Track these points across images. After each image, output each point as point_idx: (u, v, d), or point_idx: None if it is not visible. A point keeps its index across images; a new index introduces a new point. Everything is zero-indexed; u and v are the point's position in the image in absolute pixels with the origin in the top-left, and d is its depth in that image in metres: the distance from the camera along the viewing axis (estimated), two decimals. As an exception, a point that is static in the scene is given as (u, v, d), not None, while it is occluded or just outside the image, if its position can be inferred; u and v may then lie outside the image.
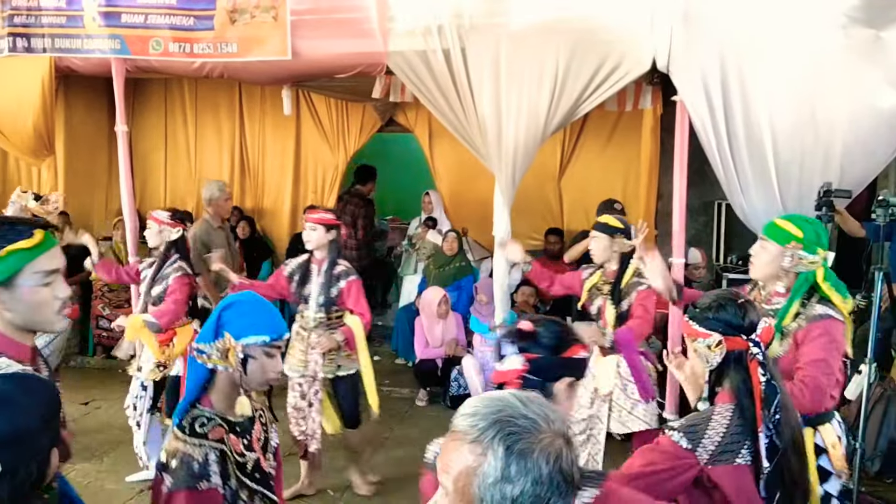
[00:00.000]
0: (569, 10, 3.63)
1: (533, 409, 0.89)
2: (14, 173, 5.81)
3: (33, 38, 4.37)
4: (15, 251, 1.32)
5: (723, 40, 3.47)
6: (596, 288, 3.08)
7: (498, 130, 3.71)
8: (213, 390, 1.55)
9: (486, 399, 0.92)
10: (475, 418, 0.89)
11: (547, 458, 0.86)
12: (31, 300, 1.35)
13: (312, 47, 3.95)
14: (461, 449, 0.88)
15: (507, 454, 0.85)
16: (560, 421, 0.90)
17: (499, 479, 0.85)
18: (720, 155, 3.55)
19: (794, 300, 2.20)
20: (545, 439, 0.87)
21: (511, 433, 0.86)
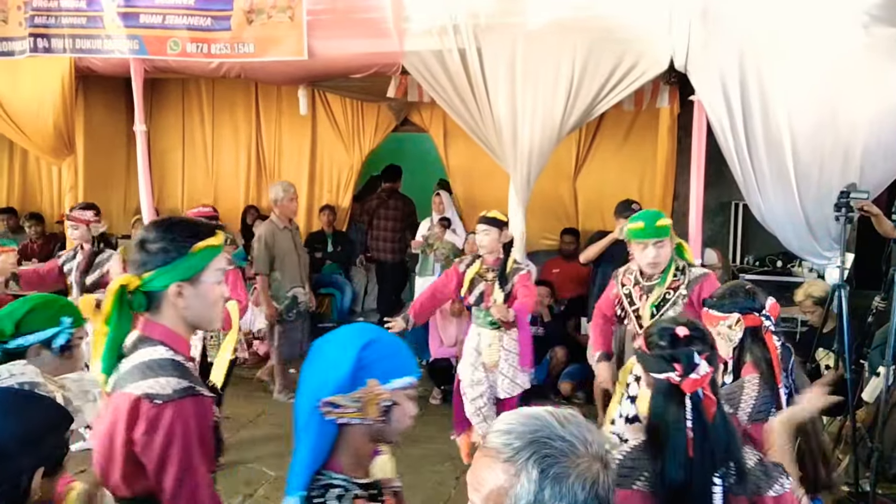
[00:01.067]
0: (585, 9, 3.65)
1: (571, 431, 0.86)
2: (35, 172, 5.99)
3: (54, 39, 4.48)
4: (206, 247, 1.36)
5: (742, 39, 3.49)
6: (479, 275, 3.43)
7: (513, 130, 3.76)
8: (342, 449, 1.23)
9: (523, 416, 0.89)
10: (510, 437, 0.86)
11: (583, 485, 0.83)
12: (210, 296, 1.38)
13: (328, 47, 4.02)
14: (494, 467, 0.85)
15: (541, 477, 0.83)
16: (598, 444, 0.87)
17: (532, 503, 0.83)
18: (738, 155, 3.56)
19: (669, 269, 2.72)
20: (582, 464, 0.84)
21: (546, 455, 0.84)
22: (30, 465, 1.03)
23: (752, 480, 1.41)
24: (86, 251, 3.75)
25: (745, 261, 4.91)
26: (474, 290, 3.43)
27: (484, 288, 3.40)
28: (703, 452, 1.37)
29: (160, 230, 1.36)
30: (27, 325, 1.58)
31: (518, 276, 3.34)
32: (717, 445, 1.39)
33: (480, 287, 3.42)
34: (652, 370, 1.47)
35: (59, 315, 1.63)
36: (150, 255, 1.34)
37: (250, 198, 5.95)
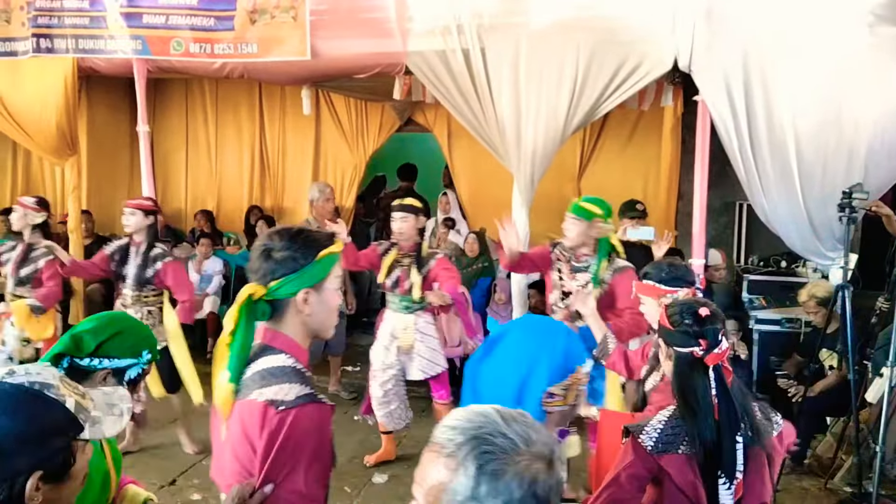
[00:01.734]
0: (589, 9, 3.68)
1: (514, 429, 0.87)
2: (38, 173, 6.05)
3: (56, 39, 4.53)
4: (329, 254, 1.38)
5: (746, 39, 3.51)
6: (396, 262, 3.65)
7: (517, 131, 3.79)
8: None
9: (470, 413, 0.90)
10: (454, 432, 0.88)
11: (520, 483, 0.84)
12: (331, 303, 1.40)
13: (331, 47, 4.06)
14: (437, 462, 0.87)
15: (478, 473, 0.84)
16: (542, 444, 0.87)
17: (468, 498, 0.83)
18: (742, 155, 3.59)
19: (602, 258, 3.10)
20: (521, 462, 0.85)
21: (486, 452, 0.85)
22: (27, 466, 1.03)
23: (762, 431, 1.64)
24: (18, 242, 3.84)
25: (750, 261, 4.95)
26: (391, 276, 3.64)
27: (400, 273, 3.62)
28: (728, 415, 1.59)
29: (286, 239, 1.37)
30: (109, 349, 1.52)
31: (435, 259, 3.58)
32: (736, 408, 1.61)
33: (397, 272, 3.63)
34: (676, 344, 1.67)
35: (142, 347, 1.58)
36: (277, 263, 1.35)
37: (254, 198, 6.01)
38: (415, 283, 3.53)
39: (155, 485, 3.63)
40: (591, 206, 3.10)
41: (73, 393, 1.12)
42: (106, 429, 1.15)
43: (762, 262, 4.81)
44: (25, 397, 1.07)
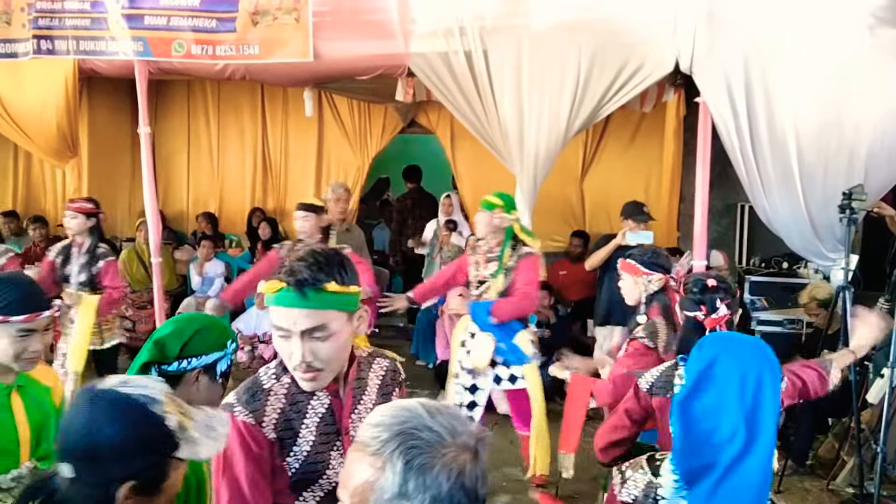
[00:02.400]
0: (591, 11, 3.77)
1: (440, 422, 0.87)
2: (38, 175, 6.12)
3: (57, 41, 4.60)
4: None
5: (746, 41, 3.59)
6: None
7: (519, 132, 3.88)
8: None
9: (394, 408, 0.90)
10: (379, 429, 0.87)
11: (448, 475, 0.84)
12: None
13: (334, 49, 4.14)
14: (362, 461, 0.86)
15: (405, 469, 0.83)
16: (468, 434, 0.88)
17: (396, 495, 0.83)
18: (743, 157, 3.67)
19: (505, 247, 3.40)
20: (448, 454, 0.85)
21: (412, 447, 0.84)
22: (121, 474, 1.07)
23: None
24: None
25: (752, 262, 5.03)
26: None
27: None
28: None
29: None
30: (194, 348, 1.51)
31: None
32: None
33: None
34: (685, 309, 2.05)
35: (225, 338, 1.57)
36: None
37: (256, 200, 6.09)
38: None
39: None
40: (493, 199, 3.44)
41: (177, 411, 1.15)
42: (202, 450, 1.17)
43: (764, 263, 4.90)
44: (131, 408, 1.11)
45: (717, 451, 1.54)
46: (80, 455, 1.08)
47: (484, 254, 3.47)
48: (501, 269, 3.35)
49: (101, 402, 1.11)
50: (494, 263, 3.39)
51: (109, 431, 1.08)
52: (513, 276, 3.33)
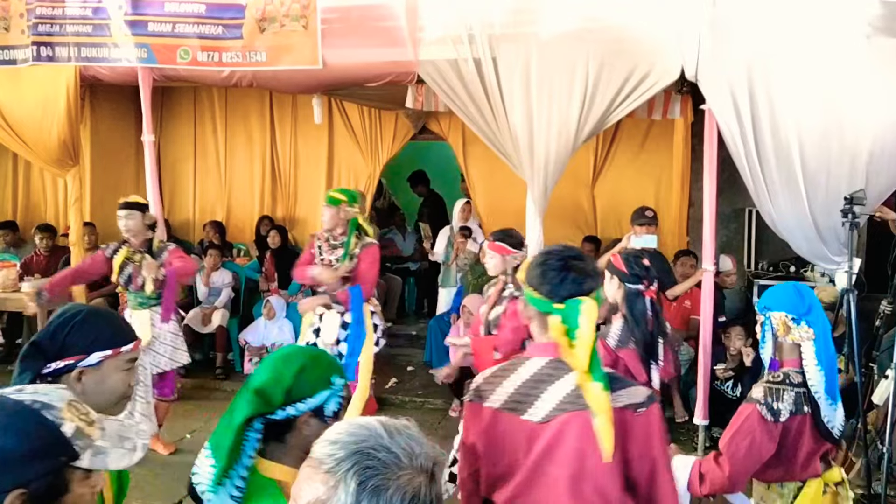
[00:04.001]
0: (597, 19, 4.07)
1: (398, 442, 0.91)
2: (38, 184, 6.32)
3: (58, 47, 4.86)
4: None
5: (749, 50, 3.91)
6: (127, 259, 4.11)
7: (529, 139, 4.17)
8: None
9: (353, 426, 0.93)
10: (335, 447, 0.90)
11: (402, 498, 0.87)
12: None
13: (342, 56, 4.43)
14: (314, 478, 0.89)
15: (358, 490, 0.87)
16: (425, 457, 0.92)
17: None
18: (748, 163, 3.98)
19: (351, 236, 4.10)
20: (403, 476, 0.88)
21: (368, 467, 0.88)
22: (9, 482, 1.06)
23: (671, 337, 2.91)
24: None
25: (760, 266, 5.36)
26: (123, 273, 4.09)
27: (132, 270, 4.09)
28: (656, 326, 2.71)
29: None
30: (298, 391, 1.42)
31: (168, 251, 4.16)
32: (661, 323, 2.76)
33: (129, 269, 4.08)
34: (629, 282, 2.71)
35: (330, 374, 1.48)
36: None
37: (265, 208, 6.31)
38: (147, 279, 4.06)
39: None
40: (338, 195, 4.16)
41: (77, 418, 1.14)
42: (111, 461, 1.16)
43: (771, 266, 5.24)
44: (21, 415, 1.11)
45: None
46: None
47: (327, 241, 4.19)
48: (347, 256, 4.09)
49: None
50: (340, 250, 4.12)
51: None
52: (357, 261, 4.11)
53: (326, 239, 4.21)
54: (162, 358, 4.20)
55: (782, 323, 2.25)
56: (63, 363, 1.49)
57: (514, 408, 1.60)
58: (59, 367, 1.48)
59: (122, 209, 4.09)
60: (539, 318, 1.65)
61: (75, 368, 1.49)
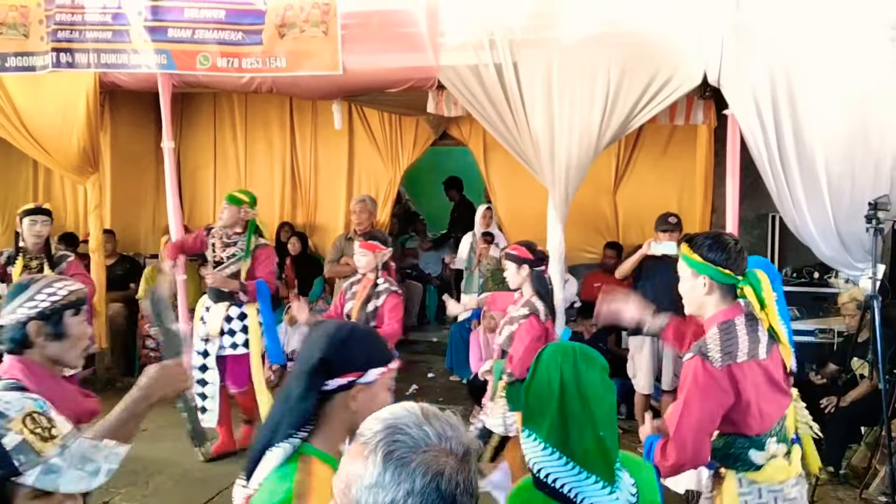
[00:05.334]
0: (619, 24, 4.21)
1: (432, 425, 0.99)
2: (59, 191, 6.55)
3: (77, 54, 5.03)
4: None
5: (772, 54, 4.04)
6: (25, 266, 4.31)
7: (551, 145, 4.33)
8: None
9: (396, 407, 1.04)
10: (375, 422, 1.01)
11: (424, 472, 0.95)
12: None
13: (362, 62, 4.59)
14: (354, 450, 1.02)
15: (384, 460, 0.96)
16: (457, 441, 0.99)
17: (373, 484, 0.96)
18: (771, 168, 4.12)
19: (250, 236, 4.52)
20: (430, 454, 0.96)
21: (395, 440, 0.97)
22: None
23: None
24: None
25: (783, 272, 5.49)
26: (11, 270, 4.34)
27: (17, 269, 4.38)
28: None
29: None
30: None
31: (67, 262, 4.39)
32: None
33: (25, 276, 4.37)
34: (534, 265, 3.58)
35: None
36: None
37: (285, 214, 6.48)
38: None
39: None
40: (241, 196, 4.59)
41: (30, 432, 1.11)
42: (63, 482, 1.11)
43: (795, 273, 5.38)
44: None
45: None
46: None
47: (220, 239, 4.51)
48: (248, 254, 4.49)
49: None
50: (232, 248, 4.48)
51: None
52: (251, 261, 4.51)
53: (220, 236, 4.50)
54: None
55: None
56: (345, 380, 1.49)
57: (754, 354, 2.18)
58: (342, 383, 1.49)
59: (39, 214, 4.28)
60: (722, 288, 2.22)
61: (354, 385, 1.49)
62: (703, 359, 2.13)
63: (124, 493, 4.24)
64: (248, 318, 4.49)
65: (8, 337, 2.00)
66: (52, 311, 2.01)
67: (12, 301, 2.00)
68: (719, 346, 2.14)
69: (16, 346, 2.00)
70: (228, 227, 4.48)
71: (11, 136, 5.26)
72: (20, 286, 2.04)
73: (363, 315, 3.82)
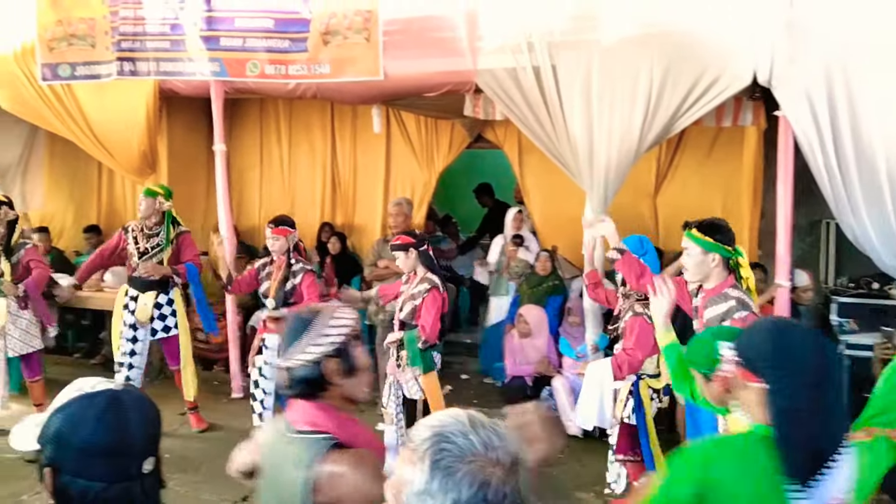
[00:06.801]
0: (663, 23, 3.98)
1: (479, 433, 0.98)
2: (120, 190, 6.80)
3: (139, 62, 5.17)
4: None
5: (829, 52, 3.71)
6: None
7: (589, 148, 4.12)
8: None
9: (444, 414, 1.03)
10: (423, 429, 1.00)
11: (471, 482, 0.93)
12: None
13: (402, 67, 4.52)
14: (404, 456, 1.01)
15: (432, 468, 0.95)
16: (504, 451, 0.97)
17: (421, 492, 0.95)
18: (827, 172, 3.78)
19: (168, 226, 4.65)
20: (476, 463, 0.95)
21: (442, 449, 0.96)
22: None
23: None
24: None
25: (839, 282, 5.07)
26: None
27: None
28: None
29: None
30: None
31: (25, 249, 4.58)
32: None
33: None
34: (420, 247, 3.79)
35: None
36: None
37: (325, 215, 6.51)
38: (5, 274, 4.51)
39: (227, 500, 4.00)
40: (155, 188, 4.70)
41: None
42: None
43: (852, 283, 4.94)
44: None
45: None
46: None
47: (141, 231, 4.66)
48: (168, 243, 4.65)
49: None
50: (155, 238, 4.65)
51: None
52: (172, 248, 4.65)
53: (141, 229, 4.68)
54: (17, 342, 4.62)
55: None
56: None
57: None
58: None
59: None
60: (723, 262, 2.85)
61: None
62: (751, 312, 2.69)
63: (177, 479, 4.28)
64: (175, 302, 4.74)
65: (300, 378, 1.60)
66: (345, 344, 1.64)
67: (298, 338, 1.61)
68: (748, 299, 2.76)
69: (311, 389, 1.61)
70: (146, 219, 4.64)
71: (79, 139, 5.45)
72: (303, 320, 1.65)
73: (281, 293, 4.23)
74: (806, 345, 1.50)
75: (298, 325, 1.63)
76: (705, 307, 2.91)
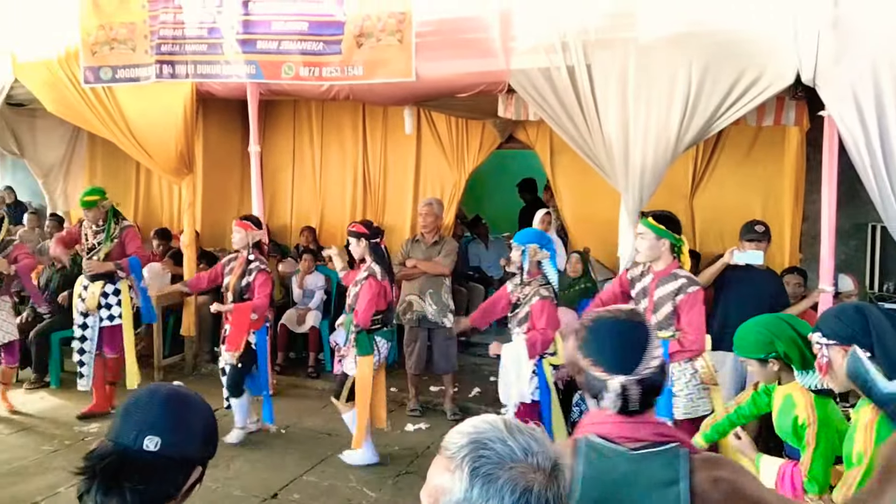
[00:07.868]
0: (703, 21, 3.81)
1: (517, 439, 0.95)
2: (157, 190, 6.91)
3: (177, 66, 5.20)
4: None
5: (875, 50, 3.51)
6: None
7: (625, 149, 3.97)
8: None
9: (479, 420, 1.00)
10: (459, 436, 0.97)
11: (513, 489, 0.91)
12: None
13: (435, 68, 4.43)
14: (439, 464, 0.97)
15: (471, 476, 0.92)
16: (544, 456, 0.95)
17: (461, 500, 0.92)
18: (874, 174, 3.58)
19: (110, 223, 4.88)
20: (516, 469, 0.92)
21: (482, 456, 0.93)
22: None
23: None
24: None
25: (885, 288, 4.85)
26: None
27: None
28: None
29: None
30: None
31: (13, 245, 4.91)
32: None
33: None
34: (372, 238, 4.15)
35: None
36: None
37: (356, 215, 6.45)
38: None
39: (257, 497, 3.98)
40: (90, 198, 4.81)
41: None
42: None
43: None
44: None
45: None
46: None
47: (90, 228, 4.87)
48: (108, 238, 4.84)
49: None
50: (101, 234, 4.86)
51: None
52: (116, 243, 4.85)
53: (90, 226, 4.93)
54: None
55: (534, 250, 3.80)
56: None
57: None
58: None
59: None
60: (671, 247, 3.40)
61: None
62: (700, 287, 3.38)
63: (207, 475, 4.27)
64: (122, 293, 4.94)
65: (653, 385, 1.39)
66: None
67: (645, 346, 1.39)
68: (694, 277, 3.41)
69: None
70: (95, 220, 4.89)
71: (119, 140, 5.49)
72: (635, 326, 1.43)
73: (238, 287, 4.44)
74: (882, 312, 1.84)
75: (641, 333, 1.39)
76: (656, 286, 3.43)
